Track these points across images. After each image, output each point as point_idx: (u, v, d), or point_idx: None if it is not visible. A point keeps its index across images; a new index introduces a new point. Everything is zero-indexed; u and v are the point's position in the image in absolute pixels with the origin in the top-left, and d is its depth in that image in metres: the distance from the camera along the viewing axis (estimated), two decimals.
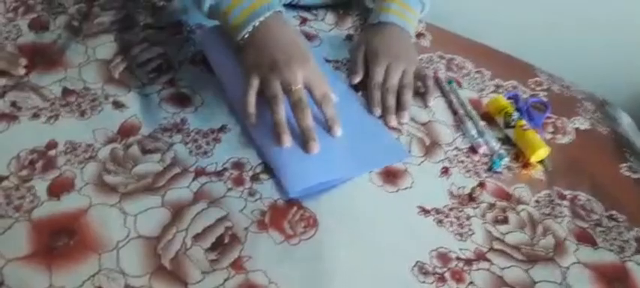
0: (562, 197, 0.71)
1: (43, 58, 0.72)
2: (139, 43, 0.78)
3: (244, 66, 0.70)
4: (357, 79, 0.80)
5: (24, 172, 0.60)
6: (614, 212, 0.71)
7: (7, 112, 0.66)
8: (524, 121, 0.77)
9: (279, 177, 0.65)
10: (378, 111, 0.76)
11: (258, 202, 0.62)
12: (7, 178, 0.60)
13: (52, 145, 0.63)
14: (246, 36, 0.70)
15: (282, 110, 0.67)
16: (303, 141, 0.67)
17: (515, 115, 0.78)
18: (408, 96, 0.78)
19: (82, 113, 0.67)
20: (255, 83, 0.68)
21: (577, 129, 0.82)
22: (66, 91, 0.69)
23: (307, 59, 0.70)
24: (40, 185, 0.59)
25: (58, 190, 0.59)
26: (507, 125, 0.78)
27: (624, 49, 1.11)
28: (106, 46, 0.76)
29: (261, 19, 0.70)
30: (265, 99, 0.68)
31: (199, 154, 0.66)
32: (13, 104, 0.66)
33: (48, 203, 0.58)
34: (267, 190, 0.64)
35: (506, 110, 0.79)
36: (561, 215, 0.69)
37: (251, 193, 0.63)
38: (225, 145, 0.68)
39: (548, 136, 0.80)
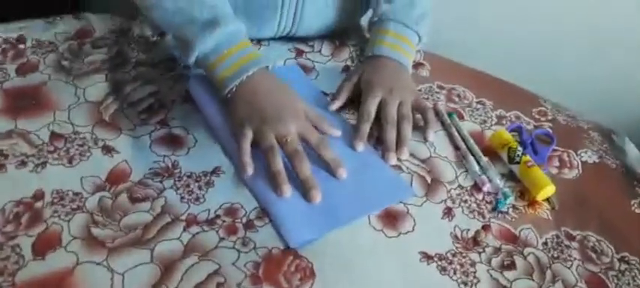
0: (571, 238, 0.68)
1: (31, 101, 0.70)
2: (131, 81, 0.76)
3: (235, 119, 0.69)
4: (335, 106, 0.77)
5: (9, 228, 0.58)
6: (626, 254, 0.68)
7: None
8: (529, 157, 0.75)
9: (279, 227, 0.62)
10: (360, 146, 0.72)
11: (251, 252, 0.60)
12: None
13: (38, 195, 0.61)
14: (233, 90, 0.70)
15: (280, 161, 0.66)
16: (304, 190, 0.65)
17: (520, 150, 0.75)
18: (408, 129, 0.75)
19: (70, 160, 0.65)
20: (249, 134, 0.67)
21: (584, 162, 0.79)
22: (54, 136, 0.67)
23: (298, 111, 0.70)
24: (25, 243, 0.57)
25: (43, 248, 0.57)
26: (511, 161, 0.75)
27: (630, 75, 1.08)
28: (96, 87, 0.74)
29: (249, 73, 0.70)
30: (260, 151, 0.66)
31: (191, 200, 0.64)
32: (0, 153, 0.64)
33: (33, 263, 0.55)
34: (261, 238, 0.61)
35: (510, 145, 0.76)
36: (570, 259, 0.66)
37: (244, 243, 0.61)
38: (218, 190, 0.65)
39: (554, 171, 0.77)
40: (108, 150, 0.67)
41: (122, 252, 0.58)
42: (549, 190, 0.72)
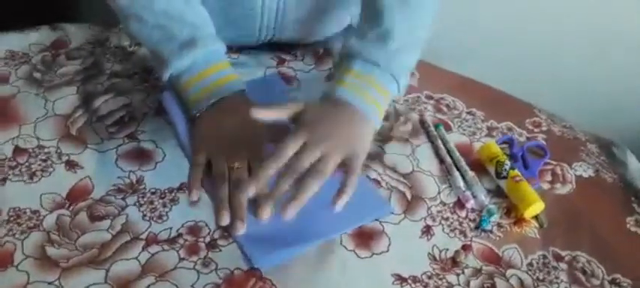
0: (559, 259, 0.64)
1: None
2: (103, 93, 0.74)
3: (194, 141, 0.67)
4: (256, 115, 0.64)
5: None
6: (618, 276, 0.63)
7: None
8: (517, 171, 0.70)
9: (242, 246, 0.59)
10: (239, 226, 0.60)
11: (212, 274, 0.57)
12: None
13: None
14: (202, 110, 0.68)
15: (225, 189, 0.63)
16: (232, 218, 0.61)
17: (508, 163, 0.71)
18: (309, 187, 0.59)
19: (32, 176, 0.63)
20: (201, 161, 0.66)
21: (579, 177, 0.74)
22: (17, 151, 0.65)
23: (255, 138, 0.67)
24: None
25: None
26: (499, 175, 0.71)
27: (632, 77, 1.02)
28: (66, 99, 0.72)
29: (217, 98, 0.68)
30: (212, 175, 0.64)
31: (153, 218, 0.61)
32: None
33: None
34: (223, 259, 0.58)
35: (498, 158, 0.72)
36: (557, 281, 0.62)
37: (205, 264, 0.58)
38: (182, 207, 0.63)
39: (546, 186, 0.72)
40: (71, 165, 0.65)
41: (76, 272, 0.55)
42: (538, 206, 0.67)
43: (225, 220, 0.61)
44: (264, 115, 0.64)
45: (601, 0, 0.98)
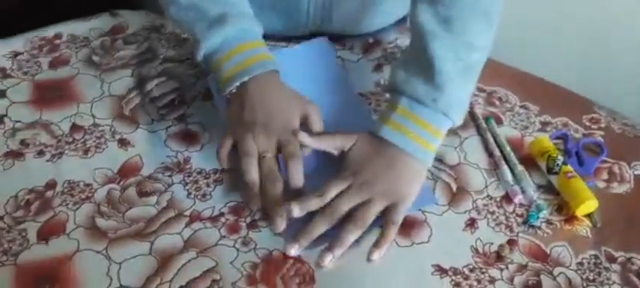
0: (612, 260, 0.61)
1: (58, 93, 0.72)
2: (156, 76, 0.76)
3: (226, 120, 0.66)
4: (303, 140, 0.63)
5: (18, 213, 0.59)
6: None
7: (14, 150, 0.66)
8: (570, 167, 0.67)
9: (282, 231, 0.60)
10: (279, 223, 0.59)
11: (250, 252, 0.58)
12: (1, 218, 0.59)
13: (51, 185, 0.62)
14: (233, 90, 0.66)
15: (254, 171, 0.61)
16: (270, 216, 0.60)
17: (560, 159, 0.68)
18: (349, 235, 0.58)
19: (86, 151, 0.66)
20: (227, 144, 0.64)
21: (638, 176, 0.70)
22: (74, 128, 0.69)
23: (287, 125, 0.64)
24: (32, 227, 0.58)
25: (47, 233, 0.58)
26: (550, 171, 0.68)
27: None
28: (121, 81, 0.75)
29: (252, 75, 0.65)
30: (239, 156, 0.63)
31: (198, 197, 0.63)
32: (22, 142, 0.66)
33: (36, 247, 0.57)
34: (263, 239, 0.59)
35: (550, 153, 0.69)
36: (608, 282, 0.58)
37: (245, 243, 0.59)
38: (226, 187, 0.64)
39: (602, 185, 0.69)
40: (123, 143, 0.67)
41: (122, 243, 0.58)
42: (591, 204, 0.64)
43: (257, 205, 0.61)
44: (312, 143, 0.64)
45: None
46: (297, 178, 0.61)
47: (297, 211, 0.59)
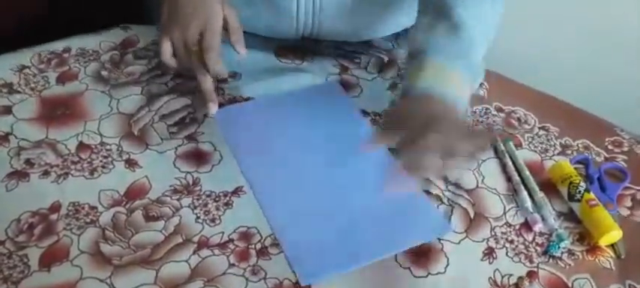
0: None
1: (65, 110, 0.71)
2: (167, 93, 0.75)
3: (160, 24, 0.71)
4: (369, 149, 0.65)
5: (21, 238, 0.58)
6: None
7: (19, 169, 0.64)
8: (593, 194, 0.65)
9: (291, 260, 0.58)
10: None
11: (260, 282, 0.56)
12: (2, 243, 0.57)
13: (55, 207, 0.60)
14: None
15: (206, 80, 0.69)
16: (204, 100, 0.69)
17: (583, 185, 0.65)
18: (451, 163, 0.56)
19: (92, 172, 0.64)
20: (166, 45, 0.69)
21: None
22: (81, 146, 0.67)
23: (206, 13, 0.68)
24: (34, 253, 0.56)
25: (49, 260, 0.56)
26: (572, 198, 0.65)
27: None
28: (131, 98, 0.73)
29: None
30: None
31: (206, 221, 0.61)
32: (27, 161, 0.65)
33: (37, 274, 0.55)
34: (273, 267, 0.57)
35: (572, 179, 0.66)
36: None
37: (254, 272, 0.57)
38: (236, 211, 0.62)
39: (625, 212, 0.66)
40: (131, 164, 0.66)
41: (127, 270, 0.56)
42: (615, 235, 0.62)
43: (214, 109, 0.70)
44: (372, 149, 0.65)
45: None
46: (219, 68, 0.67)
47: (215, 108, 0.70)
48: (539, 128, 0.76)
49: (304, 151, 0.69)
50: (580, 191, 0.65)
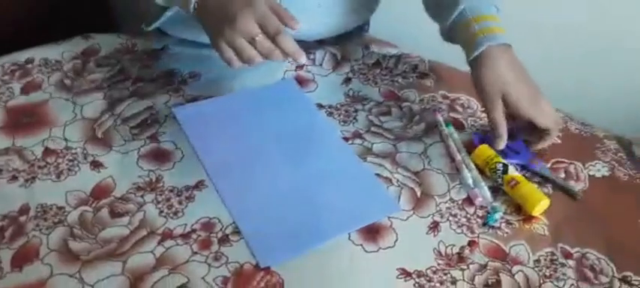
0: (567, 256, 0.64)
1: (30, 118, 0.74)
2: (128, 97, 0.78)
3: (209, 37, 0.71)
4: (502, 145, 0.72)
5: None
6: (629, 273, 0.62)
7: None
8: (512, 173, 0.69)
9: (250, 245, 0.62)
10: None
11: (222, 267, 0.60)
12: None
13: (24, 210, 0.63)
14: (195, 5, 0.70)
15: (252, 54, 0.68)
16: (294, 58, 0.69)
17: (500, 168, 0.70)
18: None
19: (59, 175, 0.68)
20: (226, 49, 0.68)
21: (592, 176, 0.73)
22: (47, 152, 0.70)
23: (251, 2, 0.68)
24: (5, 255, 0.59)
25: (21, 260, 0.59)
26: (496, 182, 0.71)
27: None
28: (94, 104, 0.76)
29: None
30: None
31: (170, 215, 0.65)
32: None
33: (10, 275, 0.58)
34: (234, 253, 0.61)
35: (489, 163, 0.71)
36: (564, 277, 0.62)
37: (216, 258, 0.61)
38: (198, 204, 0.66)
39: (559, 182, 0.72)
40: (96, 165, 0.69)
41: (95, 264, 0.59)
42: (543, 204, 0.67)
43: (303, 59, 0.70)
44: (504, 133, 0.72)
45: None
46: (290, 43, 0.68)
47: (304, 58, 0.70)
48: (482, 111, 0.82)
49: (263, 143, 0.74)
50: (499, 175, 0.70)
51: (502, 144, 0.72)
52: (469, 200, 0.69)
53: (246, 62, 0.68)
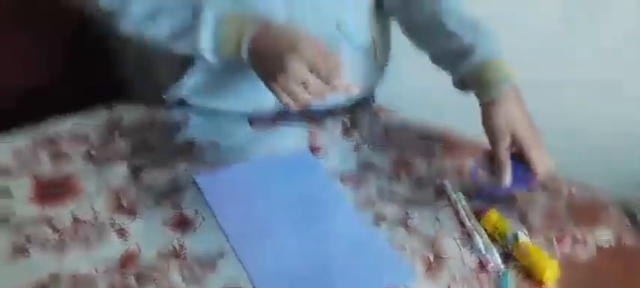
0: None
1: (59, 189, 0.77)
2: (151, 165, 0.82)
3: (263, 81, 0.75)
4: (506, 181, 0.77)
5: None
6: None
7: (18, 245, 0.70)
8: (521, 240, 0.72)
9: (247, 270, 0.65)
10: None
11: None
12: None
13: (53, 279, 0.66)
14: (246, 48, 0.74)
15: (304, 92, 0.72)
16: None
17: (510, 235, 0.73)
18: None
19: (88, 244, 0.71)
20: (285, 100, 0.73)
21: (599, 243, 0.76)
22: (76, 221, 0.73)
23: (297, 43, 0.71)
24: None
25: None
26: (505, 248, 0.73)
27: None
28: (118, 174, 0.80)
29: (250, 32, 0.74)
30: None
31: (193, 282, 0.67)
32: (27, 238, 0.71)
33: None
34: None
35: (499, 230, 0.75)
36: None
37: None
38: (220, 272, 0.68)
39: (566, 251, 0.75)
40: (122, 234, 0.72)
41: None
42: (552, 269, 0.70)
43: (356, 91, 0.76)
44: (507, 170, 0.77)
45: None
46: (347, 84, 0.73)
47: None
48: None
49: (280, 211, 0.77)
50: (510, 241, 0.73)
51: (507, 180, 0.77)
52: (481, 265, 0.72)
53: (301, 107, 0.73)
